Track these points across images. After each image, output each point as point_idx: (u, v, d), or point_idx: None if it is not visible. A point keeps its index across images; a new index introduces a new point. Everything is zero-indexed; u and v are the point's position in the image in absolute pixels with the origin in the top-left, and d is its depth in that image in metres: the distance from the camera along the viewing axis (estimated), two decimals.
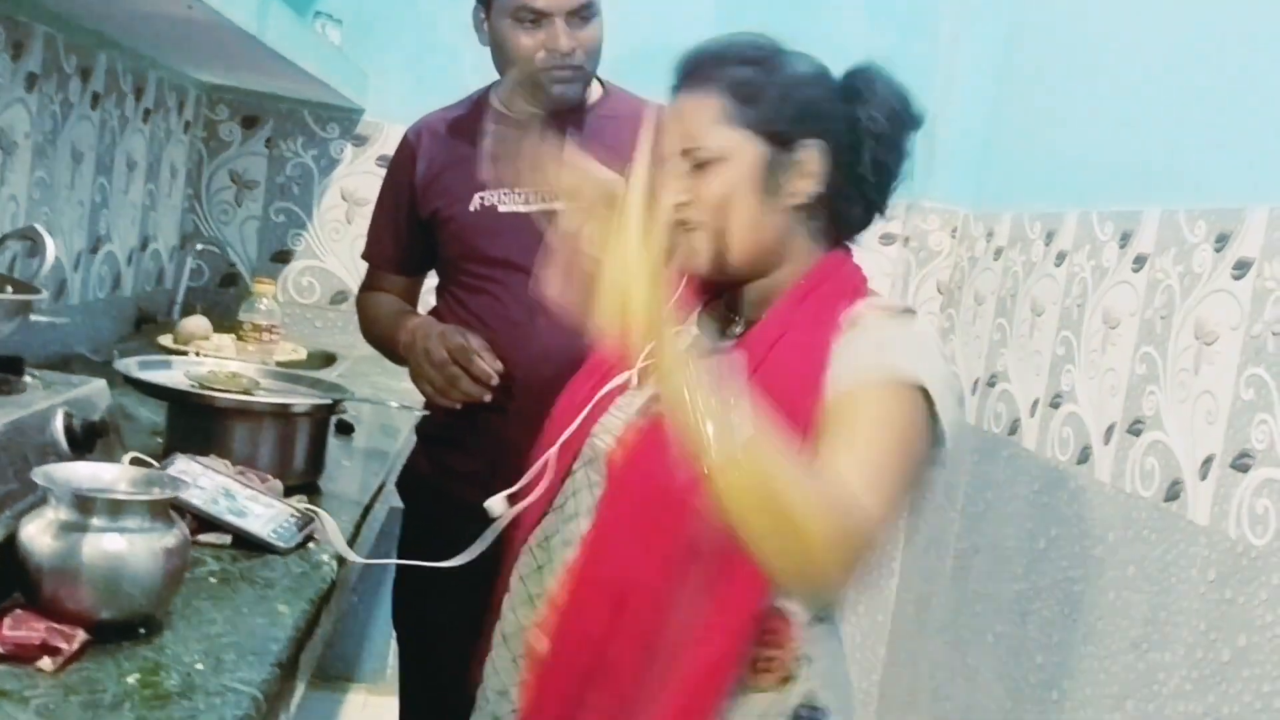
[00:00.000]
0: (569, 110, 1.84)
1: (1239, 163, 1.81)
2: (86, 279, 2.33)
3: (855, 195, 1.31)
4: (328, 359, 2.70)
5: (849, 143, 1.29)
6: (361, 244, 2.86)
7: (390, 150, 2.87)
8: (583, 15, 1.77)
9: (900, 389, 1.18)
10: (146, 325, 2.65)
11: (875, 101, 1.30)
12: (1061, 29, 2.54)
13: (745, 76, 1.27)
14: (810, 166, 1.27)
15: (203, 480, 1.25)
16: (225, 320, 2.83)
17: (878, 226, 1.41)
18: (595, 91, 1.89)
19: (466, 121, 1.90)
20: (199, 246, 2.87)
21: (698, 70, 1.29)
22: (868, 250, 1.53)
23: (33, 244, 1.28)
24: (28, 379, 1.24)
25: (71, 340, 2.24)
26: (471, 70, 2.79)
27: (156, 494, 1.04)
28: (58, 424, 1.15)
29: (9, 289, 1.22)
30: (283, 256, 2.95)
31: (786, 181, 1.27)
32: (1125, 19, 2.24)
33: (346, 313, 2.92)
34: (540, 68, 1.77)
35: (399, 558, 1.97)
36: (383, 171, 2.85)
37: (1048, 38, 2.60)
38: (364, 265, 2.07)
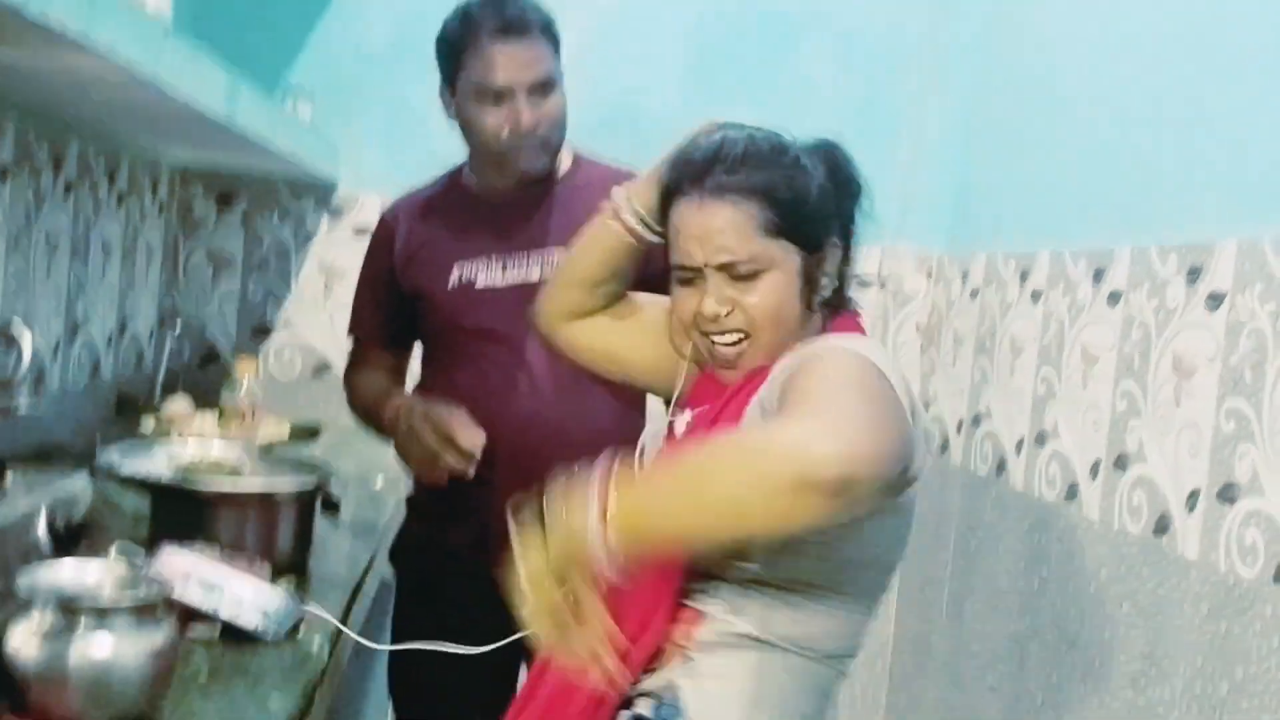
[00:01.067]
0: (539, 182, 1.85)
1: (1208, 197, 1.83)
2: (65, 366, 2.32)
3: (848, 271, 1.38)
4: (312, 432, 2.69)
5: (845, 228, 1.36)
6: (341, 315, 2.87)
7: (366, 220, 2.91)
8: (543, 89, 1.79)
9: (842, 352, 1.22)
10: (127, 409, 2.64)
11: (841, 180, 1.35)
12: (1029, 71, 2.57)
13: (772, 184, 1.28)
14: (832, 265, 1.33)
15: (190, 572, 1.24)
16: (207, 399, 2.83)
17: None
18: (565, 161, 1.91)
19: (440, 199, 1.92)
20: (177, 326, 2.86)
21: (718, 173, 1.29)
22: None
23: (9, 340, 1.28)
24: (9, 480, 1.23)
25: (52, 429, 2.23)
26: (441, 137, 2.82)
27: (142, 594, 1.03)
28: (41, 525, 1.15)
29: None
30: (262, 332, 2.94)
31: (819, 283, 1.32)
32: (1092, 59, 2.27)
33: (329, 385, 2.91)
34: (506, 144, 1.79)
35: (392, 627, 1.96)
36: (360, 241, 2.88)
37: (1016, 80, 2.63)
38: (346, 336, 2.08)
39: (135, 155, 2.58)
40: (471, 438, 1.68)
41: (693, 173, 1.31)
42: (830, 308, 1.37)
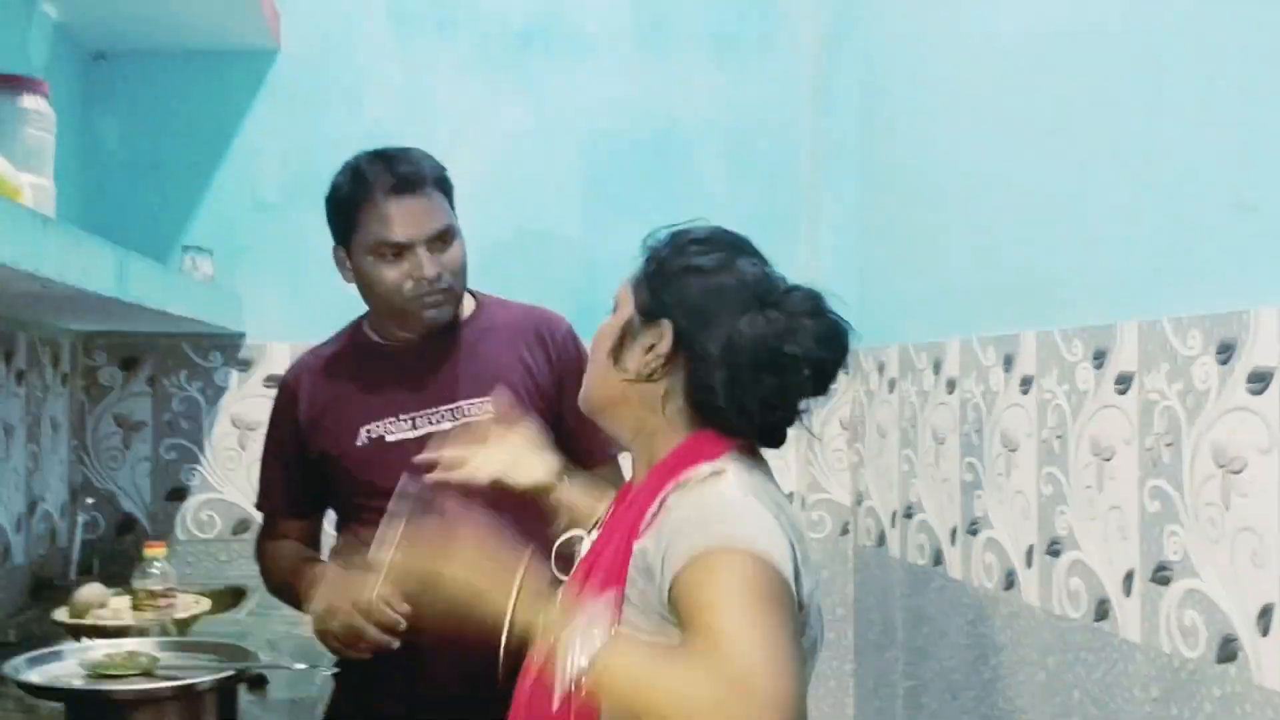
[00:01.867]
0: (444, 329, 1.84)
1: (1104, 279, 1.86)
2: None
3: (722, 400, 1.29)
4: (236, 594, 2.61)
5: (725, 345, 1.28)
6: (257, 470, 2.83)
7: (276, 369, 2.87)
8: (443, 239, 1.78)
9: (732, 555, 1.16)
10: (43, 591, 2.54)
11: (787, 327, 1.29)
12: (915, 164, 2.62)
13: (658, 249, 1.37)
14: (656, 345, 1.31)
15: None
16: (124, 571, 2.73)
17: None
18: (468, 306, 1.90)
19: (342, 356, 1.89)
20: (90, 499, 2.78)
21: (660, 239, 1.40)
22: None
23: None
24: None
25: None
26: (344, 282, 2.81)
27: None
28: None
29: None
30: (178, 494, 2.87)
31: (632, 350, 1.33)
32: (976, 148, 2.32)
33: (250, 542, 2.82)
34: (410, 296, 1.77)
35: None
36: (271, 392, 2.84)
37: (903, 174, 2.69)
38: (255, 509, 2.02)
39: (33, 331, 2.52)
40: (396, 611, 1.62)
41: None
42: (697, 418, 1.33)
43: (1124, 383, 1.78)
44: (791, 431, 1.39)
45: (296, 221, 2.88)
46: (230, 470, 2.87)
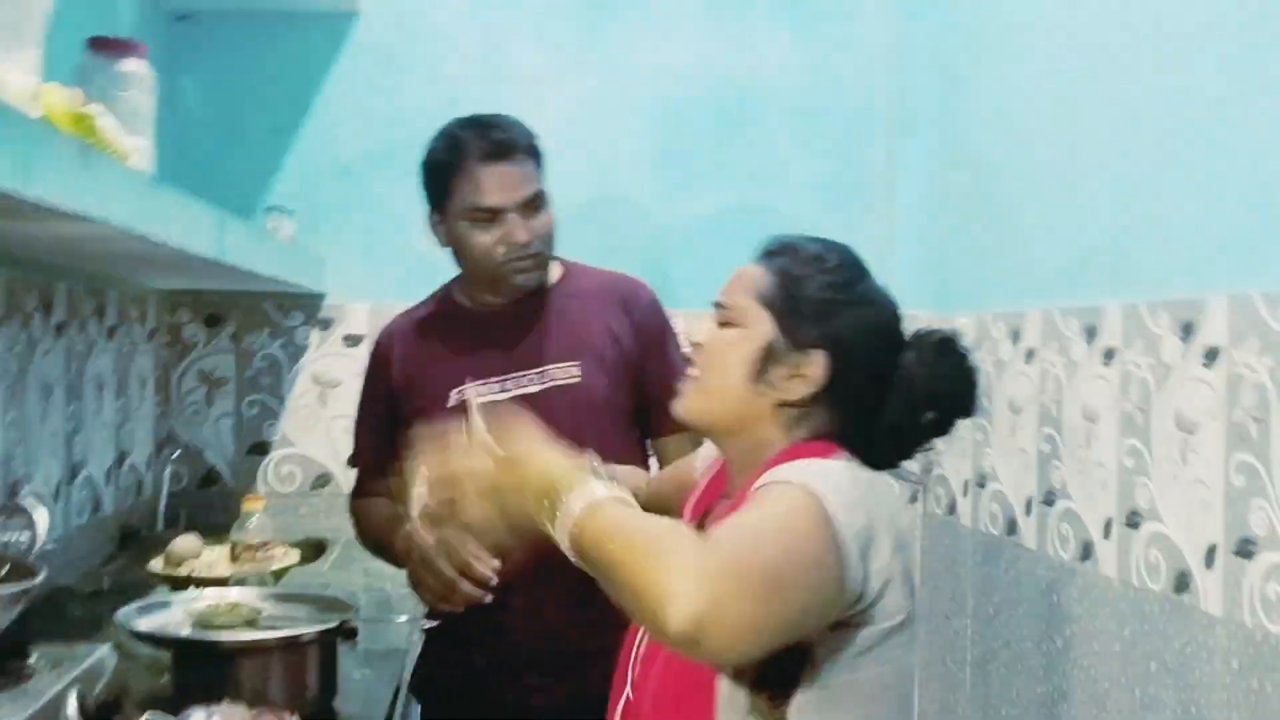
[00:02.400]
0: (532, 294, 1.86)
1: (1195, 252, 1.85)
2: (67, 508, 2.31)
3: (866, 435, 1.33)
4: (318, 547, 2.67)
5: (876, 388, 1.31)
6: (337, 426, 2.89)
7: (355, 329, 2.92)
8: (534, 205, 1.81)
9: (787, 487, 1.18)
10: (130, 541, 2.62)
11: (926, 363, 1.31)
12: (998, 132, 2.60)
13: (799, 271, 1.34)
14: (809, 372, 1.31)
15: None
16: (208, 522, 2.81)
17: None
18: (556, 272, 1.93)
19: (433, 319, 1.93)
20: (175, 452, 2.85)
21: (776, 249, 1.38)
22: None
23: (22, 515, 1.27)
24: (33, 658, 1.22)
25: (58, 572, 2.21)
26: (423, 242, 2.85)
27: None
28: (71, 708, 1.13)
29: (4, 570, 1.21)
30: (260, 449, 2.93)
31: (777, 373, 1.32)
32: (1063, 115, 2.30)
33: (329, 497, 2.91)
34: (502, 261, 1.80)
35: None
36: (351, 351, 2.91)
37: (985, 142, 2.67)
38: (345, 447, 2.07)
39: (122, 289, 2.58)
40: (486, 565, 1.67)
41: (765, 246, 1.40)
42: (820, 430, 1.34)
43: (1211, 356, 1.77)
44: None
45: (375, 183, 2.92)
46: (310, 426, 2.93)
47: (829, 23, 3.02)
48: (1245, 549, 1.68)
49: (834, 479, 1.20)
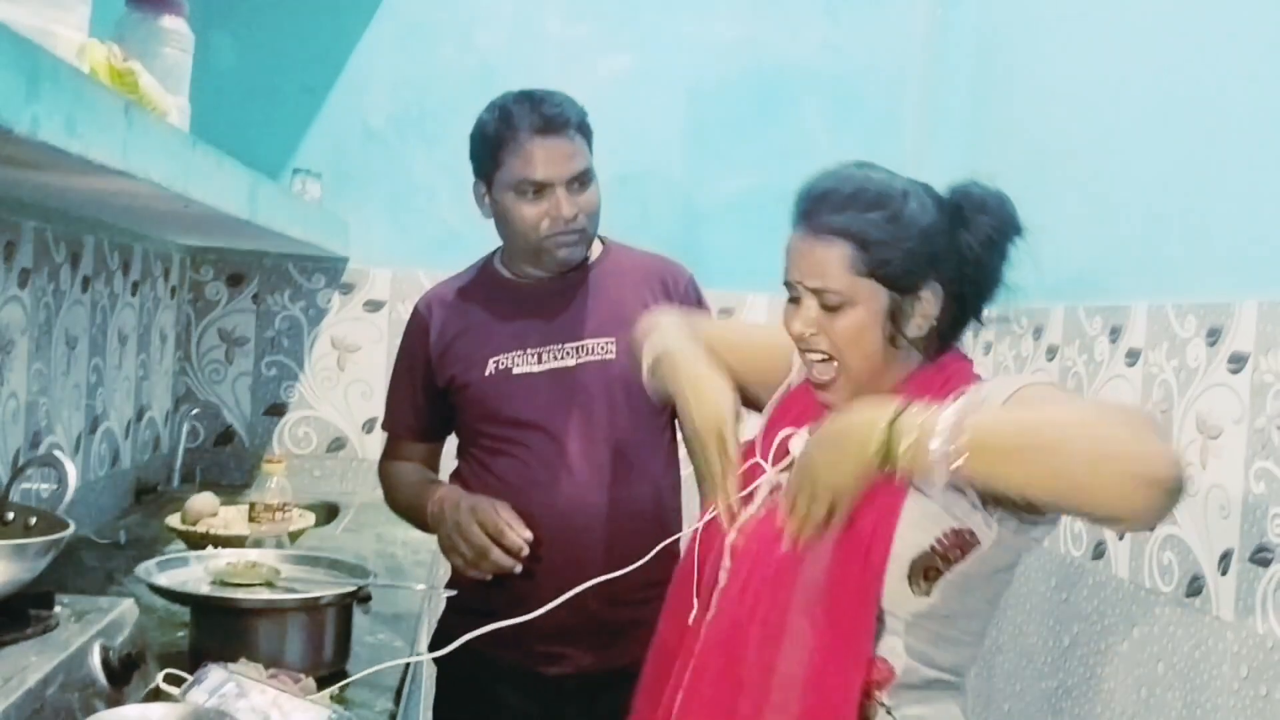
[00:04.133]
0: (573, 269, 1.88)
1: (1224, 257, 1.85)
2: (87, 460, 2.32)
3: (959, 314, 1.42)
4: (331, 511, 2.69)
5: (955, 273, 1.39)
6: (354, 390, 2.91)
7: (377, 295, 2.93)
8: (581, 181, 1.82)
9: (1036, 385, 1.31)
10: (146, 495, 2.64)
11: (977, 225, 1.40)
12: (1028, 124, 2.59)
13: (873, 226, 1.36)
14: (928, 308, 1.38)
15: (239, 699, 1.24)
16: (223, 480, 2.83)
17: None
18: (596, 249, 1.94)
19: (473, 289, 1.94)
20: (193, 409, 2.87)
21: (826, 212, 1.38)
22: None
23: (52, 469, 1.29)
24: (58, 609, 1.23)
25: (75, 521, 2.22)
26: (448, 210, 2.85)
27: None
28: (95, 660, 1.15)
29: (34, 520, 1.22)
30: (277, 410, 2.95)
31: (907, 322, 1.37)
32: (1095, 113, 2.29)
33: (344, 460, 2.92)
34: (546, 235, 1.81)
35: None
36: (371, 316, 2.92)
37: (1015, 133, 2.66)
38: (361, 412, 2.08)
39: (148, 244, 2.59)
40: (520, 534, 1.68)
41: (805, 206, 1.41)
42: (938, 345, 1.43)
43: (1238, 362, 1.76)
44: None
45: (403, 150, 2.92)
46: (328, 390, 2.95)
47: (865, 5, 3.01)
48: (1261, 556, 1.68)
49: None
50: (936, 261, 1.38)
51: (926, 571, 1.32)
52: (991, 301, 1.46)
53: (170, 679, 1.29)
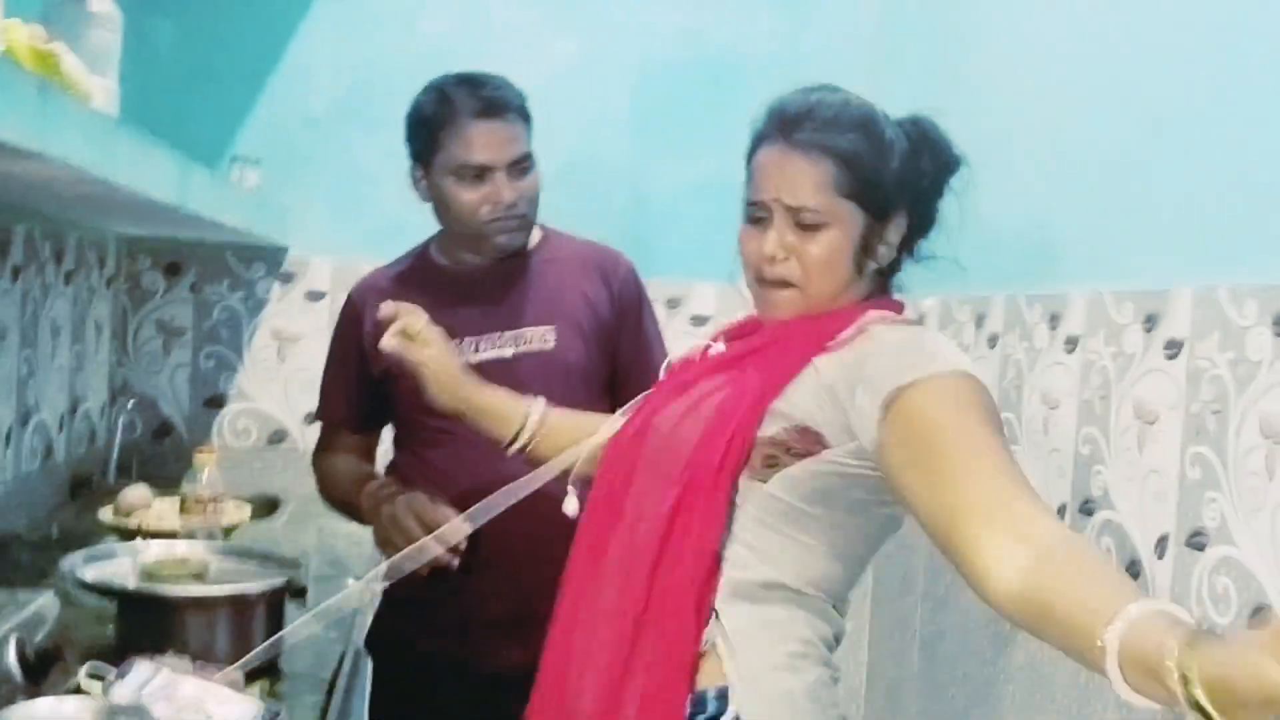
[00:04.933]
0: (511, 257, 1.85)
1: (1161, 244, 1.86)
2: (18, 453, 2.27)
3: (908, 244, 1.43)
4: (270, 505, 2.65)
5: (915, 203, 1.39)
6: (295, 382, 2.87)
7: (318, 285, 2.89)
8: (521, 166, 1.80)
9: (958, 378, 1.23)
10: (81, 490, 2.59)
11: (930, 155, 1.41)
12: (973, 114, 2.60)
13: (858, 146, 1.35)
14: (894, 236, 1.38)
15: (162, 692, 1.21)
16: (161, 473, 2.78)
17: None
18: (535, 236, 1.91)
19: (409, 277, 1.91)
20: (130, 402, 2.82)
21: (809, 129, 1.36)
22: None
23: None
24: None
25: (6, 518, 2.18)
26: (390, 200, 2.81)
27: None
28: (10, 654, 1.11)
29: None
30: (216, 402, 2.90)
31: (875, 251, 1.36)
32: (1035, 104, 2.30)
33: (285, 453, 2.88)
34: (485, 220, 1.79)
35: (370, 714, 1.93)
36: (312, 306, 2.88)
37: (960, 123, 2.66)
38: (302, 404, 2.05)
39: (81, 233, 2.54)
40: (456, 530, 1.66)
41: (782, 122, 1.38)
42: (878, 279, 1.42)
43: (1173, 348, 1.78)
44: None
45: (345, 137, 2.88)
46: (268, 381, 2.90)
47: None
48: (1197, 540, 1.70)
49: (953, 354, 1.29)
50: (906, 189, 1.38)
51: (766, 458, 1.29)
52: (927, 238, 1.46)
53: (94, 674, 1.26)
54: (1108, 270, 1.98)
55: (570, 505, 1.43)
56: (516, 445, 1.57)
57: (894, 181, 1.36)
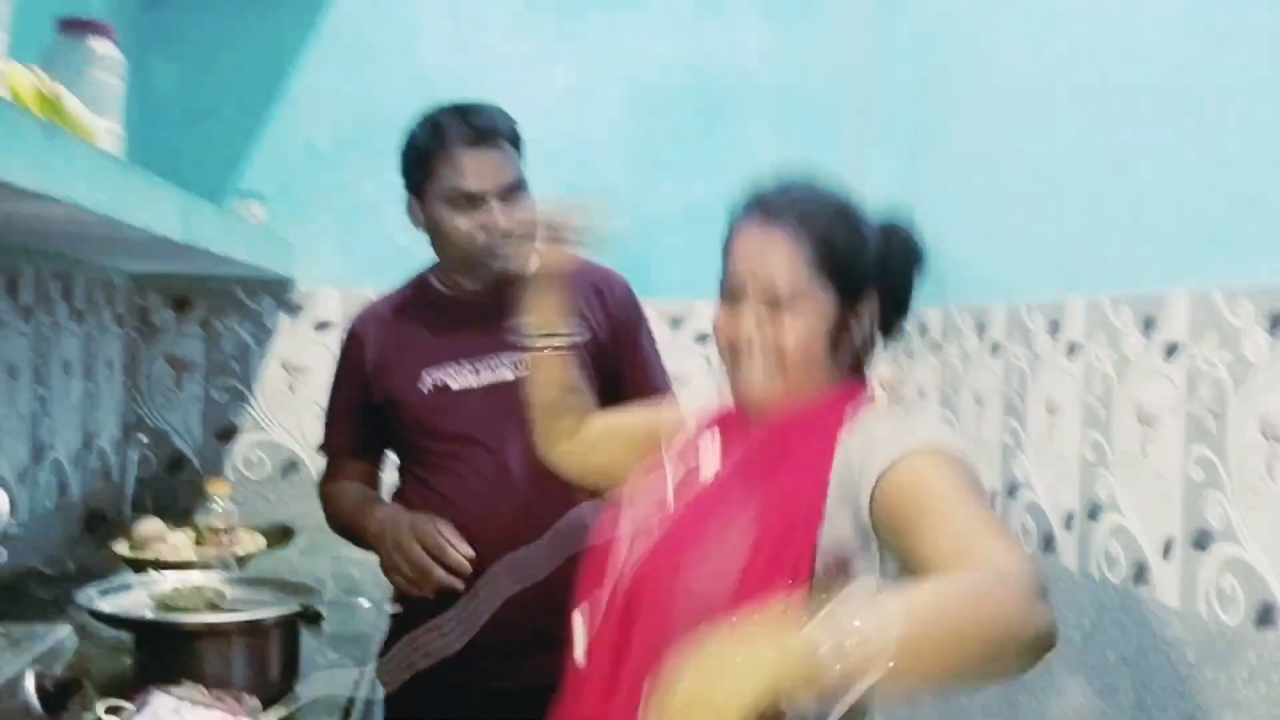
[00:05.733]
0: (509, 281, 1.87)
1: (1157, 248, 1.87)
2: (34, 491, 2.30)
3: (874, 335, 1.41)
4: (285, 533, 2.67)
5: (885, 290, 1.40)
6: (307, 412, 2.89)
7: (326, 315, 2.92)
8: (514, 192, 1.82)
9: (942, 455, 1.23)
10: (97, 525, 2.61)
11: (901, 256, 1.41)
12: (967, 127, 2.62)
13: (832, 227, 1.36)
14: (864, 320, 1.37)
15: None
16: (176, 507, 2.80)
17: None
18: (533, 260, 1.93)
19: (409, 305, 1.93)
20: (143, 437, 2.84)
21: (782, 210, 1.36)
22: None
23: None
24: None
25: (23, 554, 2.20)
26: (395, 229, 2.84)
27: None
28: (29, 687, 1.13)
29: None
30: (228, 434, 2.93)
31: (849, 329, 1.37)
32: (1030, 113, 2.32)
33: (298, 483, 2.90)
34: (481, 247, 1.81)
35: None
36: (321, 337, 2.91)
37: (954, 136, 2.69)
38: (314, 434, 2.07)
39: (90, 272, 2.57)
40: (461, 552, 1.68)
41: (759, 205, 1.39)
42: (851, 364, 1.41)
43: (1172, 351, 1.79)
44: None
45: (348, 168, 2.92)
46: (279, 412, 2.93)
47: (807, 15, 3.03)
48: (1201, 541, 1.70)
49: (941, 429, 1.34)
50: (878, 274, 1.39)
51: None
52: (901, 329, 1.46)
53: (112, 710, 1.27)
54: (1105, 276, 2.00)
55: (579, 652, 1.37)
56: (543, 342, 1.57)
57: (868, 264, 1.38)
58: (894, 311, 1.43)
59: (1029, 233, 2.29)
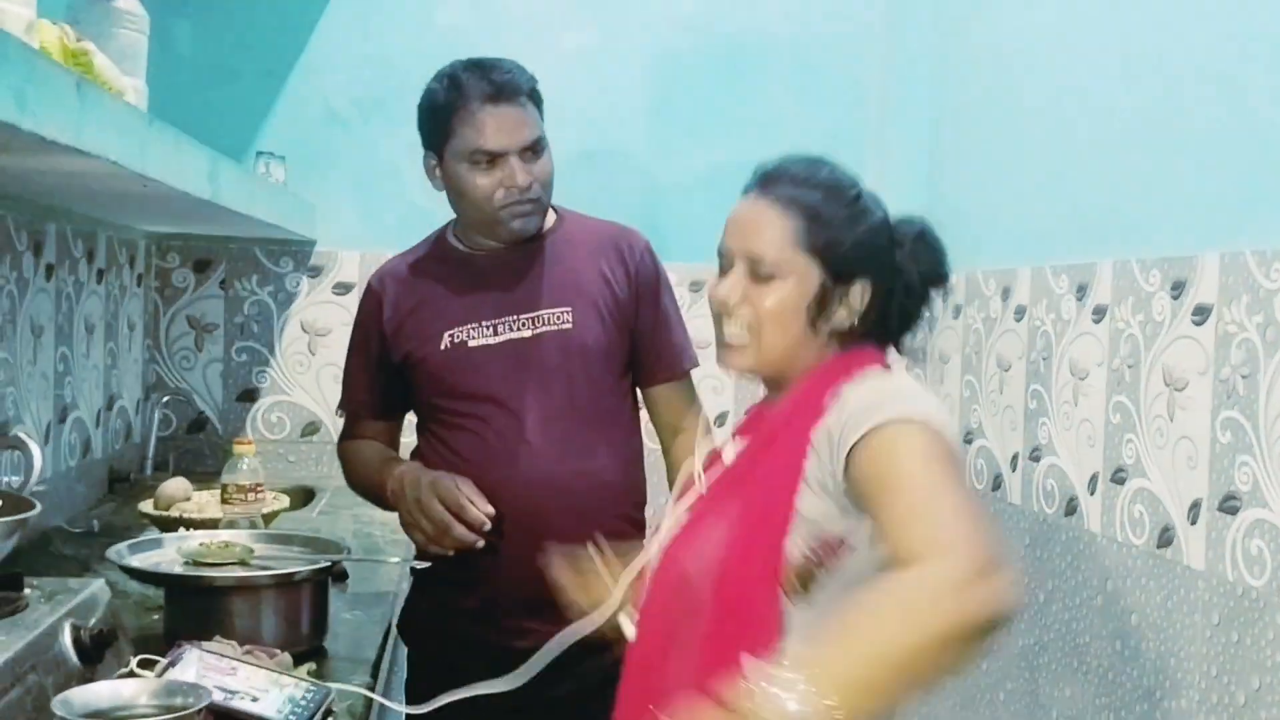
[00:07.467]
0: (527, 240, 1.86)
1: (1187, 211, 1.86)
2: (58, 449, 2.31)
3: (879, 330, 1.40)
4: (307, 495, 2.68)
5: (888, 281, 1.38)
6: (327, 374, 2.90)
7: (346, 277, 2.92)
8: (535, 150, 1.80)
9: (916, 426, 1.23)
10: (119, 484, 2.63)
11: (914, 255, 1.40)
12: (993, 88, 2.60)
13: (825, 205, 1.37)
14: (855, 302, 1.37)
15: (213, 673, 1.24)
16: (197, 467, 2.82)
17: None
18: (550, 218, 1.92)
19: (427, 262, 1.92)
20: (164, 396, 2.85)
21: (779, 185, 1.38)
22: None
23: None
24: (27, 591, 1.23)
25: (48, 512, 2.21)
26: (415, 191, 2.83)
27: (179, 705, 1.03)
28: (66, 639, 1.14)
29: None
30: (249, 395, 2.93)
31: (832, 311, 1.36)
32: (1058, 75, 2.30)
33: (319, 444, 2.91)
34: (500, 205, 1.79)
35: (407, 695, 1.95)
36: (341, 299, 2.90)
37: (980, 98, 2.66)
38: (334, 395, 2.07)
39: (112, 231, 2.57)
40: (481, 509, 1.68)
41: (760, 178, 1.41)
42: (851, 339, 1.40)
43: (1202, 314, 1.78)
44: None
45: (367, 131, 2.91)
46: (300, 374, 2.93)
47: None
48: (1229, 505, 1.70)
49: (920, 400, 1.28)
50: (875, 260, 1.37)
51: (804, 581, 1.28)
52: (911, 331, 1.45)
53: (144, 664, 1.28)
54: (1134, 238, 1.98)
55: (629, 630, 1.42)
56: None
57: (860, 247, 1.37)
58: (904, 309, 1.41)
59: (1054, 194, 2.27)
